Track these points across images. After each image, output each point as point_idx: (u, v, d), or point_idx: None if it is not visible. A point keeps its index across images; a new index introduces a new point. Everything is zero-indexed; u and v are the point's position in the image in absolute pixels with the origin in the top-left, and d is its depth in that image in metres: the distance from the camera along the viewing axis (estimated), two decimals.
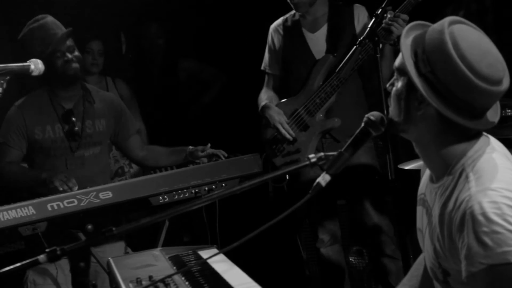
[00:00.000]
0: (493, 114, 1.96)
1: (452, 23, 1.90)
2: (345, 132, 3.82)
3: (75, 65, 3.50)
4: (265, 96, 4.14)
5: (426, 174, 2.13)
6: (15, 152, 3.52)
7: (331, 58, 3.89)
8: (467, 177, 1.89)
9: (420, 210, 2.15)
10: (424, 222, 2.09)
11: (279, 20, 4.18)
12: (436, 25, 1.92)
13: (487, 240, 1.77)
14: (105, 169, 3.77)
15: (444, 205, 1.93)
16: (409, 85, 1.93)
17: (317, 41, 3.99)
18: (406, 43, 1.95)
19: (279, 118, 3.94)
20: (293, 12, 4.09)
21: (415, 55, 1.92)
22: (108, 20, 5.58)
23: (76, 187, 3.25)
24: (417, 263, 2.37)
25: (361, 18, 3.95)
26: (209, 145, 3.55)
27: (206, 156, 3.52)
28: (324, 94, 3.88)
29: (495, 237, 1.76)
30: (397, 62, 1.99)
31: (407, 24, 3.34)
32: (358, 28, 3.94)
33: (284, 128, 3.92)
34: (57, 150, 3.54)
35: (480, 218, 1.78)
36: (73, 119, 3.56)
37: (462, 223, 1.83)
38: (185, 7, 5.74)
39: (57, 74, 3.40)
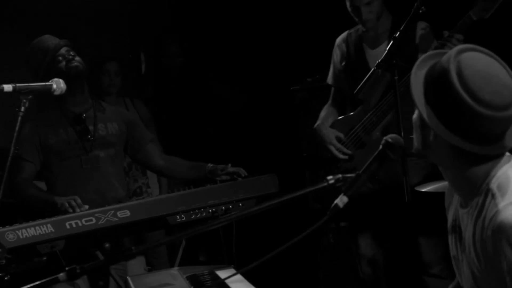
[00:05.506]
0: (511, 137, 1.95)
1: (461, 51, 1.91)
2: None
3: (77, 63, 3.57)
4: (323, 114, 4.13)
5: (455, 201, 2.13)
6: (28, 166, 3.54)
7: (387, 75, 3.74)
8: (493, 196, 1.89)
9: (453, 238, 2.14)
10: (459, 249, 2.09)
11: (344, 34, 4.13)
12: (447, 54, 1.93)
13: None
14: (120, 173, 3.79)
15: (475, 227, 1.94)
16: (422, 114, 1.95)
17: (377, 58, 3.83)
18: (418, 73, 1.97)
19: (330, 139, 3.94)
20: (358, 26, 4.01)
21: (426, 84, 1.95)
22: (127, 39, 5.63)
23: (83, 207, 3.26)
24: None
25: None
26: (229, 165, 3.56)
27: (226, 174, 3.54)
28: (380, 112, 3.84)
29: None
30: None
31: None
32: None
33: (336, 148, 3.93)
34: (71, 151, 3.57)
35: None
36: (85, 121, 3.61)
37: (495, 239, 1.83)
38: (205, 26, 5.78)
39: (62, 76, 3.37)
